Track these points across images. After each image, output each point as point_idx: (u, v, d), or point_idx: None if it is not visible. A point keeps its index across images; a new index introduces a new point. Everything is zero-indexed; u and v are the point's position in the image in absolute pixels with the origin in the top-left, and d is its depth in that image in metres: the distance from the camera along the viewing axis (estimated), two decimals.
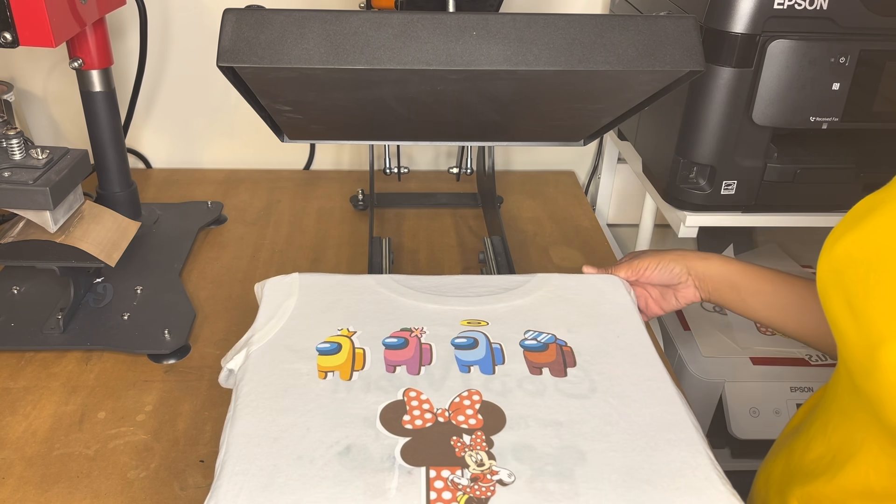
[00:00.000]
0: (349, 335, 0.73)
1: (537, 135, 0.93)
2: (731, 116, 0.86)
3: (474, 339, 0.74)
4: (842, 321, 0.55)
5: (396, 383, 0.67)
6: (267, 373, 0.68)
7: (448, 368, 0.70)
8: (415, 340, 0.73)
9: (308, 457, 0.59)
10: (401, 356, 0.71)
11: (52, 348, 0.85)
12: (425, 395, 0.66)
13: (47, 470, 0.71)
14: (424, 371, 0.69)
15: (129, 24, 1.20)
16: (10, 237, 0.85)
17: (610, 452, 0.60)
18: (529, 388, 0.68)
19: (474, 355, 0.71)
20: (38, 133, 1.29)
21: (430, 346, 0.72)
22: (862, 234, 0.55)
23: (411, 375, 0.68)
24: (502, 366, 0.70)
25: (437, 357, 0.71)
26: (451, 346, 0.72)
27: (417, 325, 0.75)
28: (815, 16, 0.81)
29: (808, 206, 0.94)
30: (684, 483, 0.58)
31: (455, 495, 0.56)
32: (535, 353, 0.73)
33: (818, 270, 0.59)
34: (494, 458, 0.60)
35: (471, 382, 0.68)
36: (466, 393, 0.67)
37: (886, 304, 0.51)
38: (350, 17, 0.60)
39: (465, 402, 0.66)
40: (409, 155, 1.35)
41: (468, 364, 0.70)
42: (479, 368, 0.70)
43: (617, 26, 0.62)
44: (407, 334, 0.74)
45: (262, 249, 1.08)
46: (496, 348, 0.72)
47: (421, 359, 0.70)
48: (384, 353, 0.71)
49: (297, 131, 0.86)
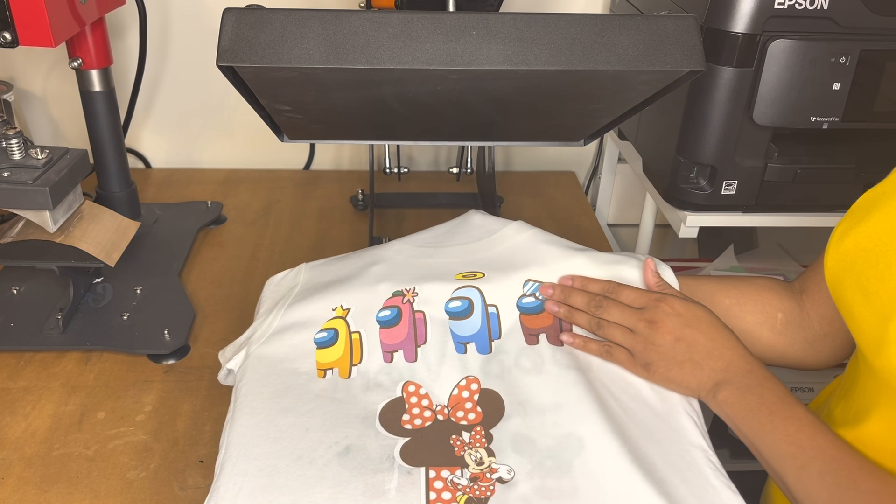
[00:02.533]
0: (343, 314, 0.72)
1: (537, 135, 0.92)
2: (732, 116, 0.86)
3: (469, 303, 0.72)
4: (855, 305, 0.59)
5: (395, 376, 0.67)
6: (266, 373, 0.68)
7: (444, 348, 0.69)
8: (407, 310, 0.71)
9: (307, 457, 0.59)
10: (396, 337, 0.70)
11: (51, 348, 0.85)
12: (424, 388, 0.66)
13: (47, 470, 0.71)
14: (420, 354, 0.68)
15: (129, 24, 1.19)
16: (10, 237, 0.85)
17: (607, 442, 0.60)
18: (526, 364, 0.67)
19: (469, 328, 0.70)
20: (37, 133, 1.29)
21: (423, 314, 0.71)
22: (869, 226, 0.59)
23: (409, 363, 0.68)
24: (498, 341, 0.69)
25: (432, 333, 0.70)
26: (444, 315, 0.71)
27: (409, 286, 0.73)
28: (816, 16, 0.81)
29: (809, 206, 0.94)
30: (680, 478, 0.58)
31: (455, 495, 0.56)
32: (532, 317, 0.71)
33: (826, 264, 0.63)
34: (494, 453, 0.60)
35: (468, 366, 0.67)
36: (465, 382, 0.66)
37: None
38: (350, 17, 0.60)
39: (463, 395, 0.65)
40: (409, 155, 1.35)
41: (463, 341, 0.69)
42: (476, 347, 0.69)
43: (617, 26, 0.62)
44: (399, 301, 0.72)
45: (262, 249, 1.08)
46: (492, 314, 0.71)
47: (416, 337, 0.70)
48: (380, 336, 0.70)
49: (296, 131, 0.86)
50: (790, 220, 0.95)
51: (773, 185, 0.91)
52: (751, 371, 0.63)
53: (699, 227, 0.95)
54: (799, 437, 0.57)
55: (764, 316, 0.73)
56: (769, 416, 0.59)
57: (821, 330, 0.71)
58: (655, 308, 0.67)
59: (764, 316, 0.73)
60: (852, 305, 0.59)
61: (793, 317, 0.73)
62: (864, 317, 0.58)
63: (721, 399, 0.62)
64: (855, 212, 0.62)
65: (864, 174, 0.91)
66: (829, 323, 0.70)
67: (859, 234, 0.60)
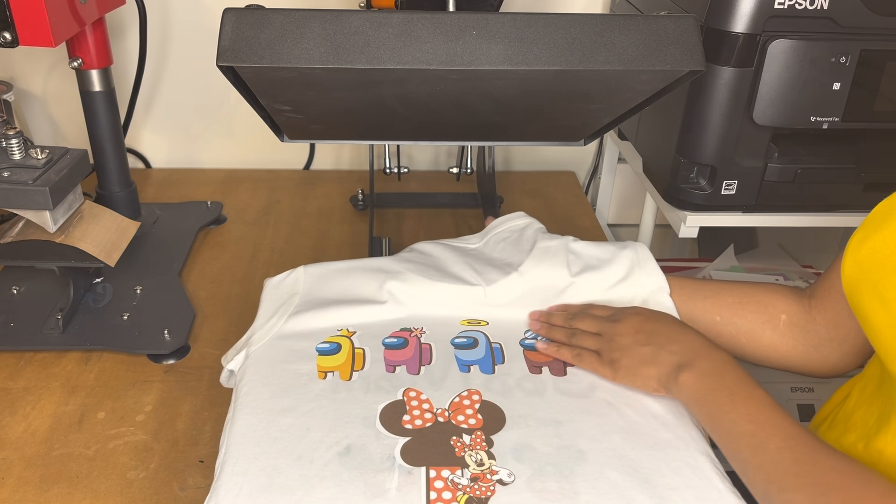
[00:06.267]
0: (349, 335, 0.73)
1: (537, 135, 0.92)
2: (732, 116, 0.86)
3: (474, 339, 0.73)
4: (872, 313, 0.59)
5: (396, 383, 0.67)
6: (267, 373, 0.68)
7: (448, 368, 0.69)
8: (414, 340, 0.73)
9: (308, 457, 0.59)
10: (401, 356, 0.71)
11: (51, 348, 0.85)
12: (425, 394, 0.66)
13: (47, 470, 0.71)
14: (424, 371, 0.69)
15: (129, 24, 1.19)
16: (10, 237, 0.85)
17: (609, 451, 0.60)
18: (529, 387, 0.68)
19: (474, 355, 0.71)
20: (37, 133, 1.29)
21: (430, 345, 0.72)
22: (887, 234, 0.59)
23: (411, 375, 0.68)
24: (502, 365, 0.70)
25: (437, 357, 0.71)
26: (450, 346, 0.72)
27: (417, 326, 0.75)
28: (816, 15, 0.81)
29: (809, 206, 0.94)
30: (683, 482, 0.58)
31: (455, 495, 0.56)
32: (536, 353, 0.72)
33: (843, 271, 0.63)
34: (494, 457, 0.60)
35: (470, 382, 0.68)
36: (466, 392, 0.67)
37: None
38: (350, 17, 0.60)
39: (464, 402, 0.65)
40: (409, 155, 1.35)
41: (468, 364, 0.70)
42: (479, 368, 0.70)
43: (617, 26, 0.62)
44: (407, 334, 0.73)
45: (262, 249, 1.08)
46: (496, 348, 0.72)
47: (421, 358, 0.70)
48: (384, 353, 0.71)
49: (296, 131, 0.86)
50: (790, 220, 0.95)
51: (773, 185, 0.91)
52: (711, 356, 0.64)
53: (699, 227, 0.95)
54: (758, 417, 0.58)
55: (766, 316, 0.73)
56: (729, 396, 0.60)
57: (827, 335, 0.71)
58: (621, 311, 0.73)
59: (766, 316, 0.73)
60: (869, 313, 0.59)
61: (797, 319, 0.73)
62: (881, 324, 0.58)
63: (682, 381, 0.64)
64: (873, 220, 0.63)
65: (863, 174, 0.91)
66: (836, 328, 0.70)
67: (877, 241, 0.60)
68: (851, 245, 0.63)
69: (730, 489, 0.58)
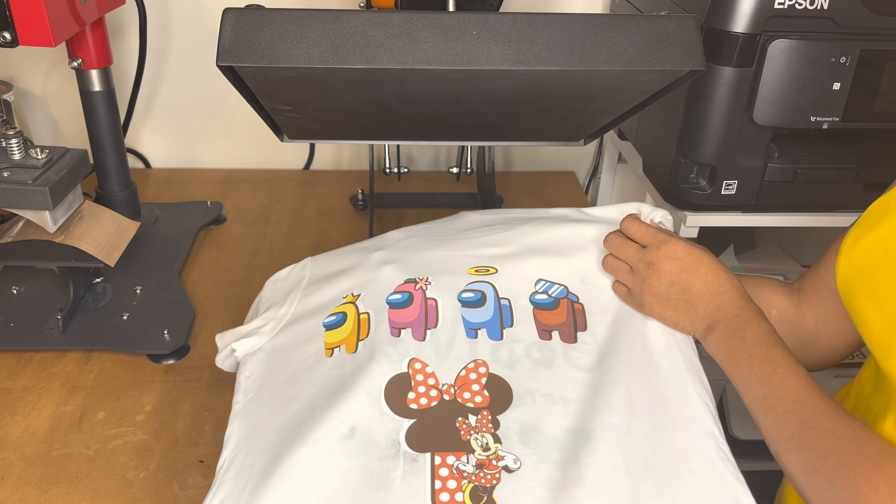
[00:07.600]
0: (354, 300, 0.71)
1: (537, 135, 0.93)
2: (732, 116, 0.86)
3: (482, 294, 0.71)
4: (866, 311, 0.60)
5: (402, 351, 0.65)
6: (277, 363, 0.68)
7: (454, 333, 0.67)
8: (419, 295, 0.70)
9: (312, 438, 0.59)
10: (405, 316, 0.69)
11: (51, 348, 0.85)
12: (431, 366, 0.65)
13: (46, 470, 0.71)
14: (430, 335, 0.67)
15: (129, 24, 1.19)
16: (10, 237, 0.85)
17: (616, 430, 0.60)
18: (537, 356, 0.66)
19: (482, 315, 0.69)
20: (37, 133, 1.29)
21: (436, 301, 0.70)
22: (880, 233, 0.60)
23: (417, 341, 0.67)
24: (510, 329, 0.68)
25: (443, 317, 0.69)
26: (457, 303, 0.70)
27: (423, 275, 0.73)
28: (816, 15, 0.81)
29: (809, 206, 0.94)
30: (688, 467, 0.58)
31: (460, 484, 0.56)
32: (545, 312, 0.70)
33: (838, 271, 0.63)
34: (500, 440, 0.59)
35: (477, 350, 0.66)
36: (472, 365, 0.65)
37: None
38: (350, 17, 0.60)
39: (471, 376, 0.64)
40: (409, 155, 1.35)
41: (475, 327, 0.68)
42: (487, 332, 0.68)
43: (617, 26, 0.62)
44: (411, 287, 0.71)
45: (262, 249, 1.08)
46: (504, 305, 0.70)
47: (426, 320, 0.68)
48: (388, 314, 0.69)
49: (296, 131, 0.86)
50: (790, 220, 0.95)
51: (773, 185, 0.91)
52: (738, 314, 0.64)
53: (699, 227, 0.95)
54: (772, 379, 0.59)
55: None
56: (748, 358, 0.61)
57: (816, 330, 0.72)
58: (656, 250, 0.68)
59: None
60: (863, 311, 0.60)
61: (787, 314, 0.73)
62: (875, 322, 0.59)
63: (710, 342, 0.65)
64: (867, 219, 0.63)
65: (863, 174, 0.91)
66: (826, 323, 0.71)
67: (871, 240, 0.61)
68: (845, 245, 0.64)
69: (733, 474, 0.58)
